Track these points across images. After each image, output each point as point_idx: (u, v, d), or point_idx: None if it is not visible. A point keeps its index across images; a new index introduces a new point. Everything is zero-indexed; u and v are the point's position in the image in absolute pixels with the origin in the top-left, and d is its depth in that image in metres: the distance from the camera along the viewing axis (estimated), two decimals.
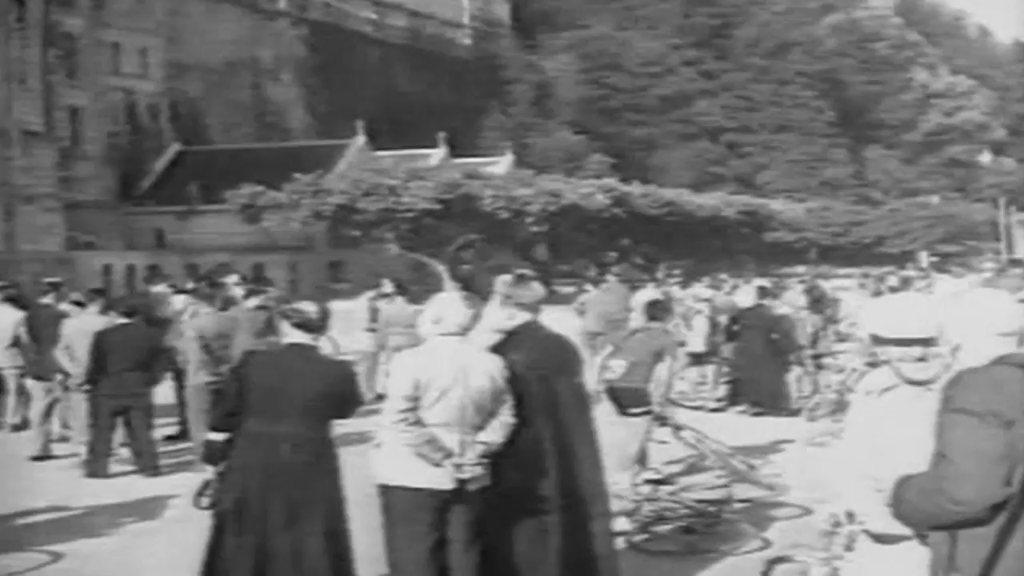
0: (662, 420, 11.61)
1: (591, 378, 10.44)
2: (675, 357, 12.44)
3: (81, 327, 13.89)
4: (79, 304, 14.91)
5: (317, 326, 7.56)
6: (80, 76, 67.56)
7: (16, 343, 15.63)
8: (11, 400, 16.53)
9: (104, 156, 71.55)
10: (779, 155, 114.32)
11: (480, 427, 7.00)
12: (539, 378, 7.36)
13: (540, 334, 7.68)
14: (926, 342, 4.71)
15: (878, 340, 4.92)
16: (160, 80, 76.53)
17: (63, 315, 14.79)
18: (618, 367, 11.19)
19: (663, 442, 11.92)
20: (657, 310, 12.36)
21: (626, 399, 11.07)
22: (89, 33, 67.96)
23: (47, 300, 17.04)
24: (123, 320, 13.55)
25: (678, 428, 11.92)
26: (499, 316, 7.57)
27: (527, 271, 8.29)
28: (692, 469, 12.30)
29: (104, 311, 14.45)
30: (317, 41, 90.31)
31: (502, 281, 7.74)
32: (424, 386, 6.87)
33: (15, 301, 16.48)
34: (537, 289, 7.71)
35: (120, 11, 71.30)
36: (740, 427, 16.16)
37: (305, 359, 7.46)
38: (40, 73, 56.88)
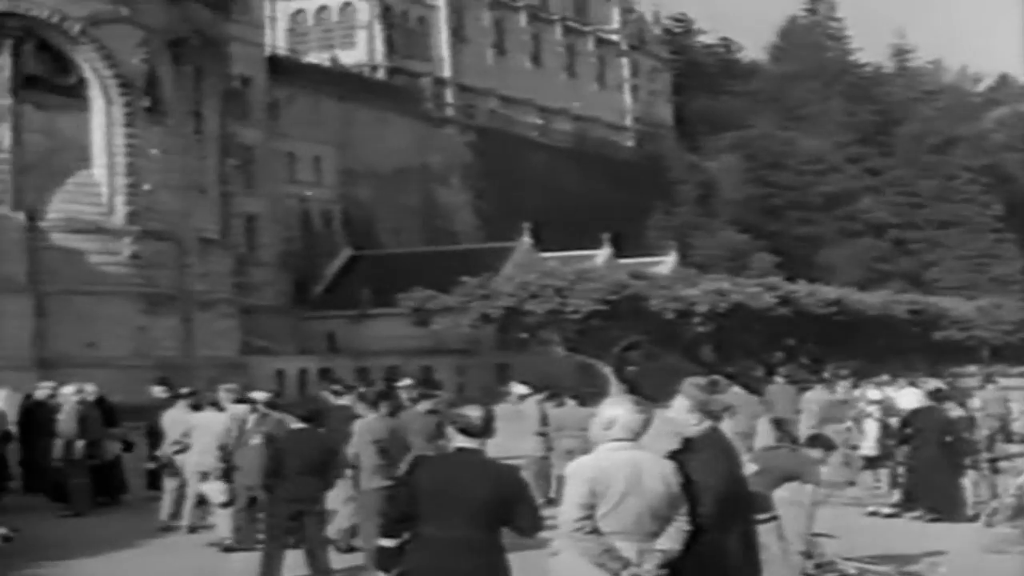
0: (807, 555, 11.50)
1: None
2: (817, 484, 12.25)
3: (367, 427, 14.38)
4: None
5: (481, 431, 7.62)
6: (256, 184, 69.68)
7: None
8: (192, 501, 16.97)
9: (279, 262, 73.44)
10: (946, 251, 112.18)
11: (656, 534, 6.96)
12: (719, 485, 7.33)
13: (721, 441, 7.67)
14: None
15: None
16: (333, 187, 78.44)
17: (355, 416, 15.11)
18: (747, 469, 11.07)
19: None
20: (817, 441, 12.35)
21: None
22: (265, 143, 70.13)
23: (344, 401, 17.38)
24: (299, 425, 13.69)
25: (829, 564, 11.77)
26: (686, 420, 7.56)
27: (720, 377, 8.30)
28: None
29: (391, 413, 14.88)
30: (484, 146, 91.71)
31: (693, 384, 7.75)
32: (600, 494, 6.85)
33: (216, 405, 17.03)
34: (728, 395, 7.72)
35: (295, 121, 73.45)
36: (916, 533, 15.84)
37: (471, 464, 7.52)
38: (218, 182, 58.53)
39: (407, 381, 21.38)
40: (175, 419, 17.58)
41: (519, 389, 20.78)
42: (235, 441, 15.68)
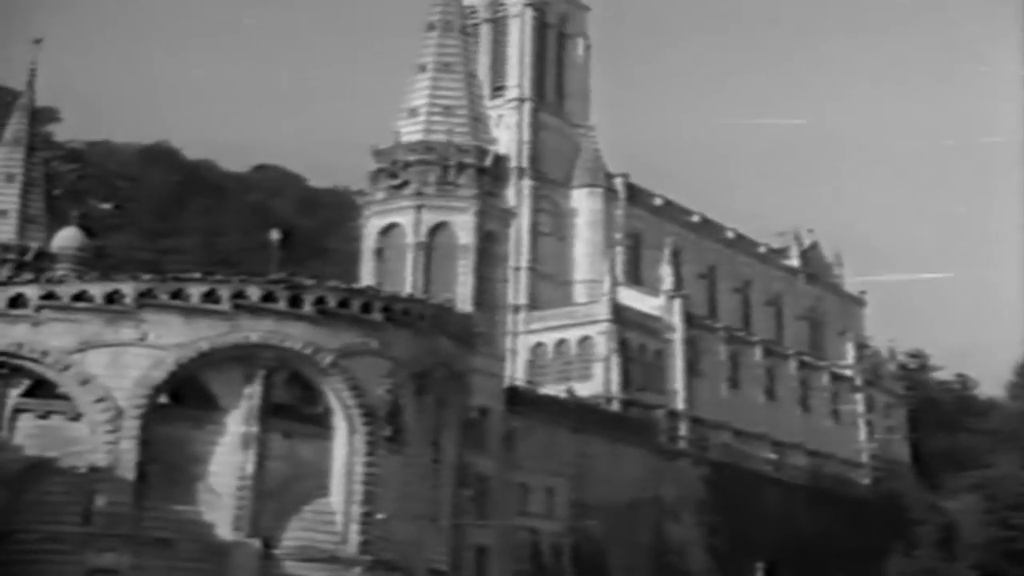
0: None
1: None
2: None
3: None
4: None
5: None
6: (488, 515, 69.50)
7: None
8: None
9: None
10: None
11: None
12: None
13: None
14: None
15: None
16: (564, 519, 77.69)
17: None
18: None
19: None
20: None
21: None
22: (499, 474, 70.34)
23: None
24: None
25: None
26: None
27: None
28: None
29: None
30: (717, 480, 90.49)
31: None
32: None
33: None
34: None
35: (529, 453, 73.61)
36: None
37: None
38: (451, 512, 58.83)
39: None
40: None
41: None
42: None
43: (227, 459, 49.99)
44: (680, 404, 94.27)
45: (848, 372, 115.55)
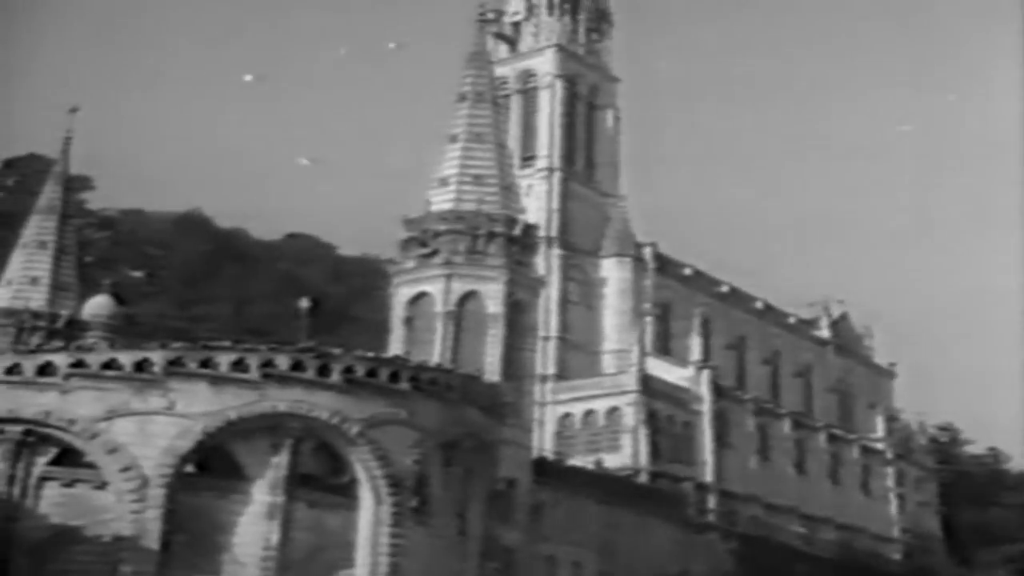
0: None
1: None
2: None
3: None
4: None
5: None
6: None
7: None
8: None
9: None
10: None
11: None
12: None
13: None
14: None
15: None
16: None
17: None
18: None
19: None
20: None
21: None
22: (526, 547, 69.80)
23: None
24: None
25: None
26: None
27: None
28: None
29: None
30: (747, 554, 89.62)
31: None
32: None
33: None
34: None
35: (556, 525, 73.12)
36: None
37: None
38: None
39: None
40: None
41: None
42: None
43: (252, 529, 49.65)
44: (709, 476, 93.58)
45: (878, 445, 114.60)
